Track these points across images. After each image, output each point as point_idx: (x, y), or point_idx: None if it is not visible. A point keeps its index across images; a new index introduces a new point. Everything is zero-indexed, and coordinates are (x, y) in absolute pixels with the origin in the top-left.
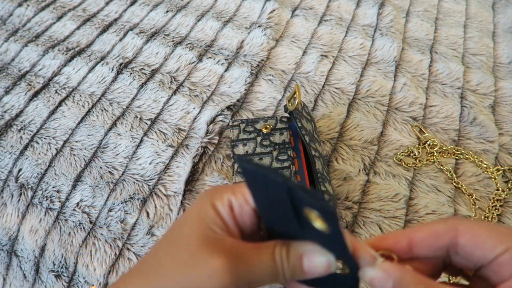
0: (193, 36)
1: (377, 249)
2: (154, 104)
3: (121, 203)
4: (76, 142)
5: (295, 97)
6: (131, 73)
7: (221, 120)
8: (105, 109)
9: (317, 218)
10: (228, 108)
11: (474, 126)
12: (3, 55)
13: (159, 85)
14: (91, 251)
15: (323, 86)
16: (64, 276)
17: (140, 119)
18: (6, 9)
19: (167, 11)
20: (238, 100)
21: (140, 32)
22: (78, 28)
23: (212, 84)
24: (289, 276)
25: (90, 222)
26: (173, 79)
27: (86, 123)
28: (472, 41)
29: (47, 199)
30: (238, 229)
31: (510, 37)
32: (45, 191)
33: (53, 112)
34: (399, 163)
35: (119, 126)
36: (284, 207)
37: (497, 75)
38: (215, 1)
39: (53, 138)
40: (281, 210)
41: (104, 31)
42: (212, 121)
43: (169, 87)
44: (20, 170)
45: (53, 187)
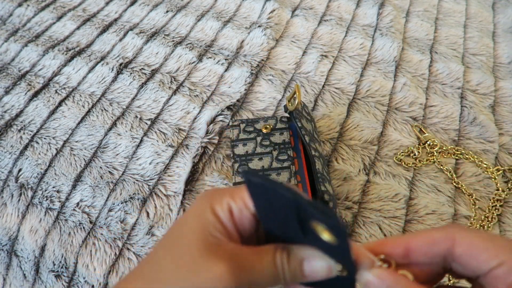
0: (193, 36)
1: (375, 254)
2: (154, 104)
3: (121, 203)
4: (76, 142)
5: (295, 97)
6: (131, 73)
7: (221, 120)
8: (105, 109)
9: (325, 231)
10: (228, 108)
11: (474, 126)
12: (3, 55)
13: (159, 85)
14: (91, 251)
15: (323, 86)
16: (64, 276)
17: (140, 119)
18: (6, 9)
19: (167, 11)
20: (238, 100)
21: (140, 32)
22: (78, 28)
23: (212, 84)
24: (290, 280)
25: (90, 222)
26: (173, 79)
27: (86, 123)
28: (472, 41)
29: (47, 199)
30: (238, 233)
31: (510, 37)
32: (45, 191)
33: (53, 112)
34: (399, 163)
35: (119, 126)
36: (288, 217)
37: (497, 75)
38: (215, 1)
39: (53, 138)
40: (284, 219)
41: (104, 31)
42: (212, 121)
43: (169, 87)
44: (20, 170)
45: (53, 187)
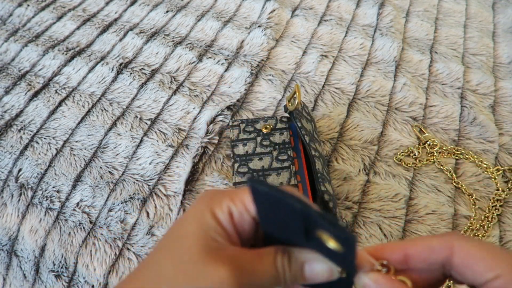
0: (193, 36)
1: (374, 259)
2: (154, 104)
3: (121, 203)
4: (76, 142)
5: (295, 97)
6: (131, 73)
7: (221, 120)
8: (105, 109)
9: (332, 240)
10: (228, 108)
11: (474, 126)
12: (3, 55)
13: (159, 85)
14: (91, 251)
15: (323, 86)
16: (64, 276)
17: (140, 119)
18: (6, 9)
19: (167, 11)
20: (238, 100)
21: (140, 32)
22: (78, 28)
23: (212, 84)
24: (290, 282)
25: (90, 222)
26: (173, 79)
27: (86, 123)
28: (472, 41)
29: (47, 199)
30: (237, 236)
31: (510, 37)
32: (45, 191)
33: (53, 112)
34: (399, 163)
35: (119, 126)
36: (292, 224)
37: (497, 75)
38: (215, 1)
39: (53, 138)
40: (288, 225)
41: (104, 31)
42: (212, 121)
43: (169, 87)
44: (20, 170)
45: (53, 187)
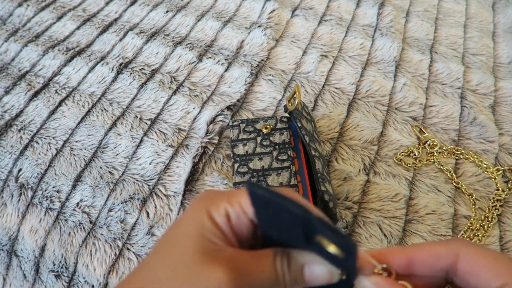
0: (193, 36)
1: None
2: (154, 104)
3: (121, 203)
4: (76, 142)
5: (295, 97)
6: (131, 73)
7: (221, 120)
8: (105, 109)
9: (332, 245)
10: (228, 108)
11: (474, 126)
12: (3, 55)
13: (159, 85)
14: (91, 251)
15: (323, 86)
16: (64, 276)
17: (140, 119)
18: (6, 9)
19: (167, 11)
20: (238, 100)
21: (140, 32)
22: (78, 28)
23: (212, 84)
24: (290, 285)
25: (90, 222)
26: (173, 79)
27: (86, 123)
28: (472, 41)
29: (47, 199)
30: (235, 238)
31: (510, 37)
32: (45, 191)
33: (53, 112)
34: (399, 163)
35: (119, 126)
36: (292, 228)
37: (497, 75)
38: (215, 1)
39: (53, 138)
40: (287, 229)
41: (104, 31)
42: (212, 121)
43: (169, 87)
44: (20, 170)
45: (53, 187)
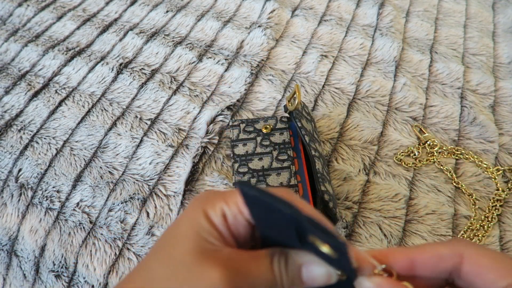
0: (193, 36)
1: (378, 263)
2: (154, 104)
3: (121, 203)
4: (76, 142)
5: (295, 97)
6: (131, 73)
7: (221, 120)
8: (105, 109)
9: (325, 245)
10: (228, 108)
11: (474, 126)
12: (3, 55)
13: (159, 85)
14: (91, 251)
15: (323, 86)
16: (64, 276)
17: (140, 119)
18: (6, 9)
19: (167, 11)
20: (238, 100)
21: (140, 32)
22: (78, 28)
23: (212, 84)
24: (288, 286)
25: (90, 222)
26: (173, 79)
27: (86, 123)
28: (472, 41)
29: (47, 199)
30: (233, 238)
31: (510, 37)
32: (45, 191)
33: (53, 112)
34: (399, 163)
35: (119, 126)
36: (285, 228)
37: (497, 75)
38: (215, 1)
39: (53, 138)
40: (281, 229)
41: (104, 31)
42: (212, 121)
43: (169, 87)
44: (20, 170)
45: (53, 187)
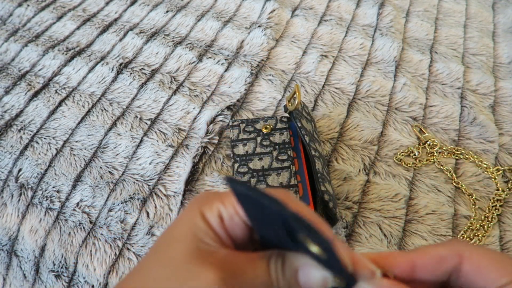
0: (193, 36)
1: (378, 267)
2: (154, 104)
3: (121, 203)
4: (76, 142)
5: (295, 97)
6: (131, 73)
7: (221, 120)
8: (105, 109)
9: (314, 244)
10: (228, 108)
11: (474, 126)
12: (3, 55)
13: (159, 85)
14: (91, 251)
15: (323, 86)
16: (64, 276)
17: (140, 119)
18: (6, 9)
19: (167, 11)
20: (238, 100)
21: (140, 32)
22: (78, 28)
23: (212, 84)
24: None
25: (90, 222)
26: (173, 79)
27: (86, 123)
28: (472, 41)
29: (47, 199)
30: (230, 239)
31: (510, 37)
32: (45, 191)
33: (53, 112)
34: (399, 163)
35: (119, 126)
36: (278, 227)
37: (497, 75)
38: (215, 1)
39: (53, 138)
40: (275, 228)
41: (104, 31)
42: (212, 121)
43: (169, 87)
44: (20, 170)
45: (53, 187)
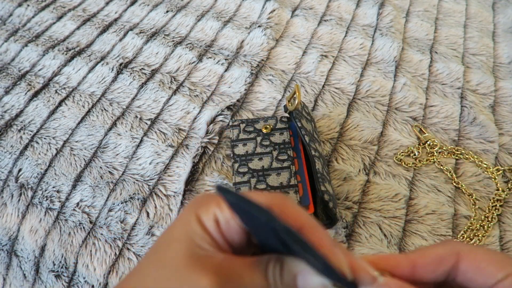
0: (193, 36)
1: (379, 269)
2: (154, 104)
3: (121, 203)
4: (76, 142)
5: (295, 97)
6: (131, 73)
7: (221, 120)
8: (105, 109)
9: (309, 255)
10: (228, 108)
11: (474, 126)
12: (3, 55)
13: (159, 85)
14: (91, 251)
15: (323, 86)
16: (64, 276)
17: (140, 119)
18: (6, 9)
19: (167, 11)
20: (238, 100)
21: (140, 32)
22: (78, 28)
23: (212, 84)
24: None
25: (90, 222)
26: (173, 79)
27: (86, 123)
28: (472, 41)
29: (47, 199)
30: (227, 243)
31: (510, 37)
32: (45, 191)
33: (53, 112)
34: (399, 163)
35: (119, 126)
36: (269, 234)
37: (497, 75)
38: (215, 1)
39: (53, 138)
40: (267, 235)
41: (104, 31)
42: (212, 121)
43: (169, 87)
44: (20, 170)
45: (53, 187)
